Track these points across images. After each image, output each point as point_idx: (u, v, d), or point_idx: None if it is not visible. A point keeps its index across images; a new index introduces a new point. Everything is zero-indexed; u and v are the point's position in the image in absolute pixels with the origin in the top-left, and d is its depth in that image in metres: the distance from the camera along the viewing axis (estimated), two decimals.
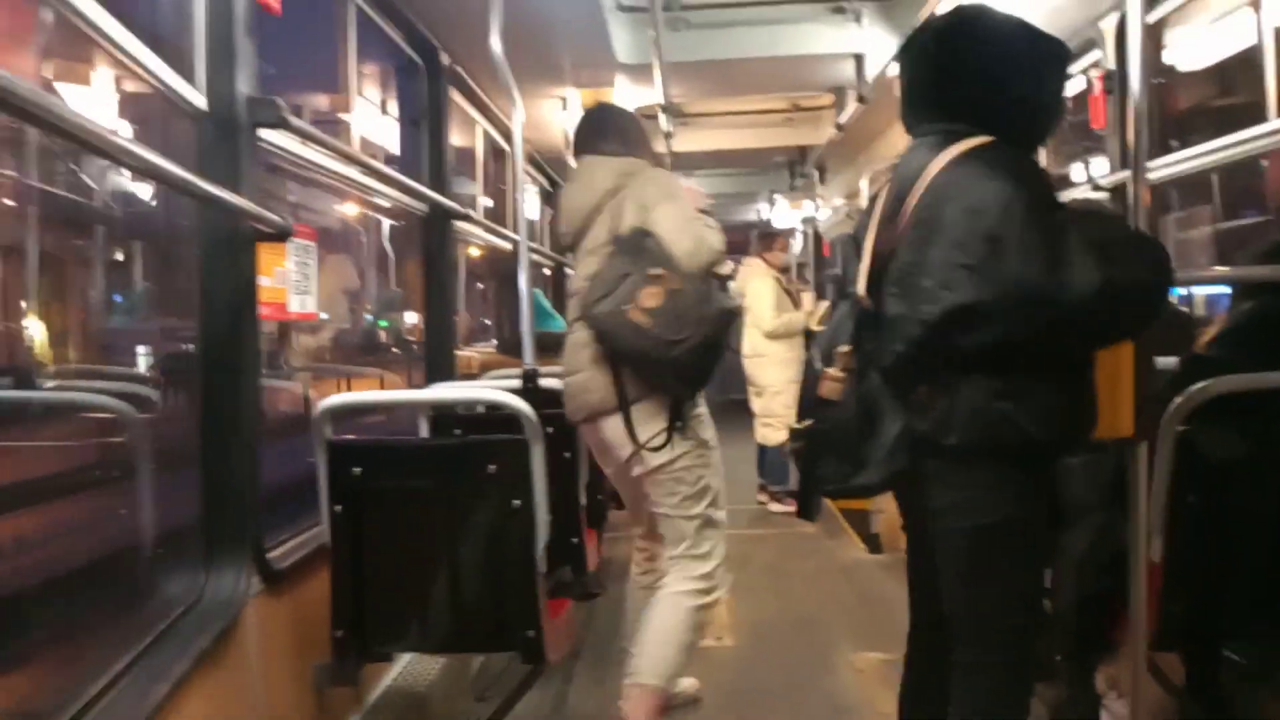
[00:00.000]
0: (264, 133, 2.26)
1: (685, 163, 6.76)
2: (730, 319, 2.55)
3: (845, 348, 1.76)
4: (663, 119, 4.81)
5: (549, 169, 7.17)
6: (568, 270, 7.69)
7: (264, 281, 2.26)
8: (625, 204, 2.58)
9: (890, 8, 4.24)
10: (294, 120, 2.28)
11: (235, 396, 2.13)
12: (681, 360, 2.38)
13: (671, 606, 2.53)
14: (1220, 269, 3.00)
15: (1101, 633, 2.39)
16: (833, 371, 1.76)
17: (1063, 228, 1.58)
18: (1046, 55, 1.78)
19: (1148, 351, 1.93)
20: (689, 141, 6.12)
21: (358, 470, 2.26)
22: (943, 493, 1.72)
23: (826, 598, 3.98)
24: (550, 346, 4.08)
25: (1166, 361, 2.29)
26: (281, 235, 2.25)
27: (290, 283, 2.48)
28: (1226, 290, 2.88)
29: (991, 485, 1.68)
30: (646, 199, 2.56)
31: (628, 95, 4.81)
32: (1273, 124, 2.48)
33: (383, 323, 11.63)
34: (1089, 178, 4.53)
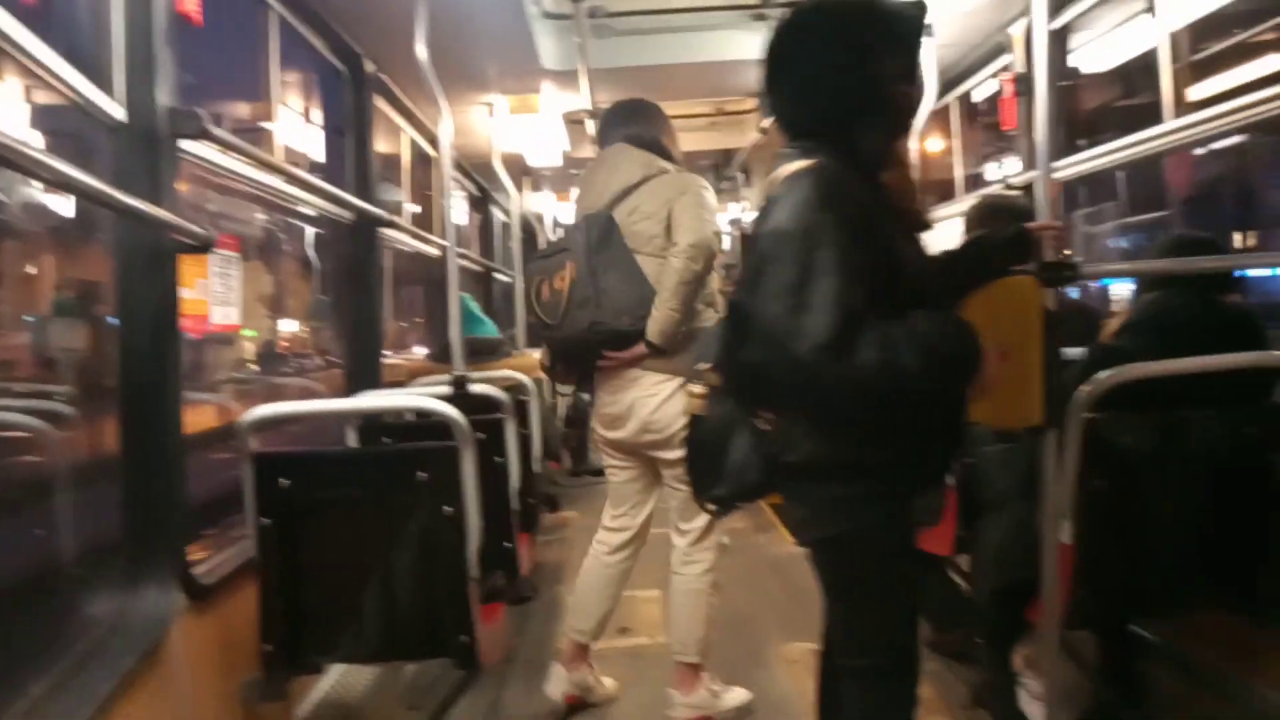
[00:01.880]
0: (185, 144, 2.23)
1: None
2: (600, 337, 2.64)
3: (706, 365, 1.74)
4: (589, 124, 4.83)
5: (477, 176, 7.14)
6: (498, 276, 7.71)
7: (185, 294, 2.23)
8: (646, 198, 2.66)
9: None
10: (215, 131, 2.26)
11: (157, 411, 2.09)
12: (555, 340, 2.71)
13: (693, 585, 2.76)
14: (1125, 263, 3.13)
15: (1019, 615, 2.48)
16: (694, 389, 1.75)
17: (833, 270, 1.47)
18: (883, 34, 1.65)
19: (1055, 343, 2.02)
20: None
21: (285, 482, 2.24)
22: (794, 507, 1.74)
23: (757, 592, 4.04)
24: (482, 352, 4.08)
25: (1074, 352, 2.40)
26: (204, 246, 2.22)
27: (212, 294, 2.45)
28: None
29: (834, 500, 1.67)
30: (669, 194, 2.65)
31: (554, 101, 4.83)
32: (1168, 124, 2.60)
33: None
34: (1003, 177, 4.70)
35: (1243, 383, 2.28)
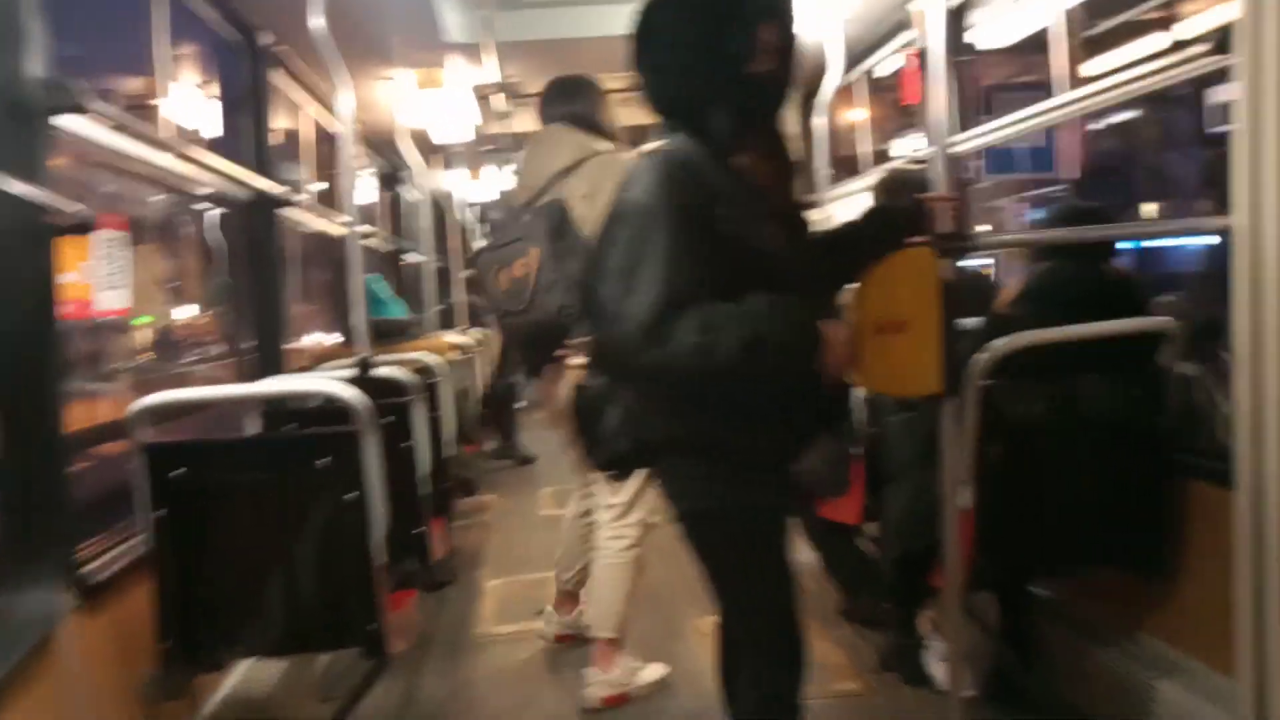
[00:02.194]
0: (62, 119, 2.11)
1: (526, 143, 6.71)
2: (571, 319, 2.59)
3: (586, 338, 1.81)
4: (499, 99, 4.75)
5: (388, 153, 6.97)
6: (410, 256, 7.56)
7: (69, 277, 2.11)
8: (580, 181, 2.65)
9: None
10: (95, 105, 2.14)
11: (37, 401, 1.99)
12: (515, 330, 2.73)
13: (615, 560, 2.81)
14: (1018, 234, 3.22)
15: (923, 581, 2.55)
16: (574, 360, 1.81)
17: (662, 254, 1.48)
18: (737, 13, 1.61)
19: (952, 313, 2.06)
20: (530, 122, 6.06)
21: (180, 471, 2.16)
22: (661, 480, 1.77)
23: (670, 569, 4.07)
24: (390, 334, 4.00)
25: (972, 322, 2.45)
26: (83, 227, 2.10)
27: (97, 278, 2.33)
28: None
29: (692, 475, 1.69)
30: (601, 176, 2.61)
31: (461, 75, 4.73)
32: (1057, 99, 2.66)
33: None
34: (910, 151, 4.78)
35: (1127, 348, 2.37)
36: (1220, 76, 1.96)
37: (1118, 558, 2.35)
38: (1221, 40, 1.96)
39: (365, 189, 6.68)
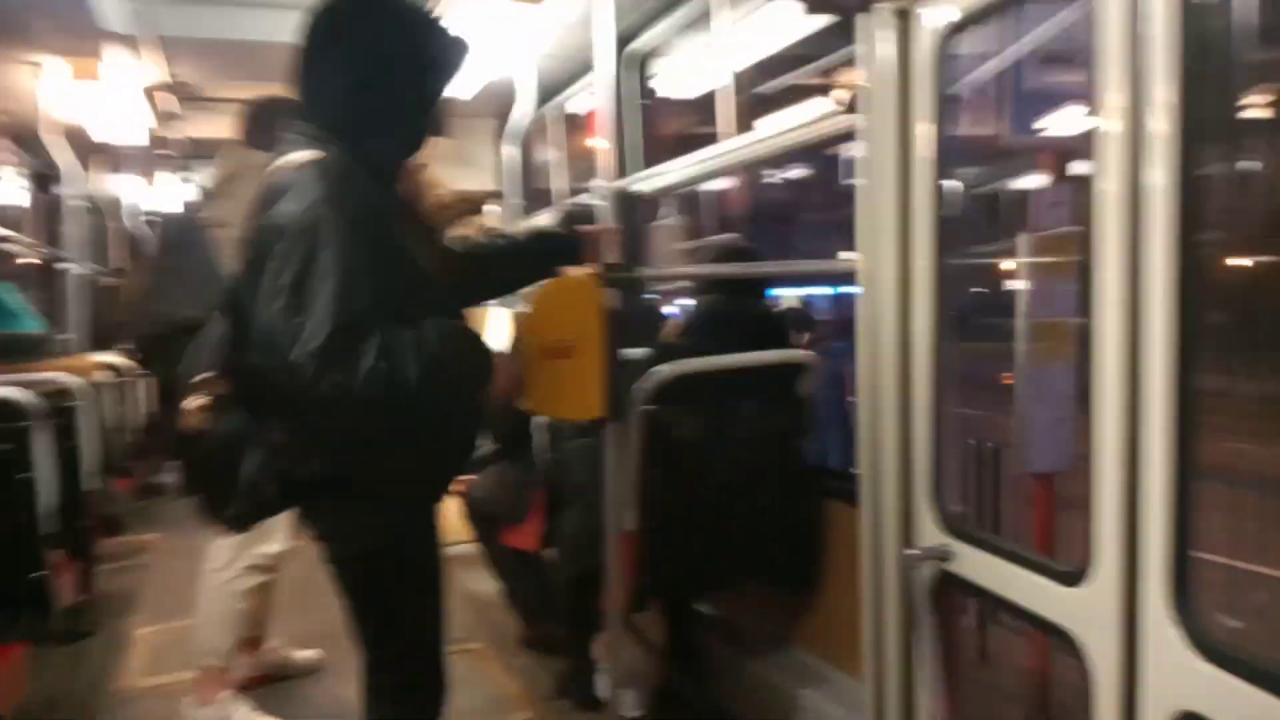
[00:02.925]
0: None
1: (206, 149, 6.21)
2: None
3: (209, 374, 1.56)
4: (164, 98, 4.36)
5: (38, 150, 6.16)
6: (62, 265, 6.70)
7: None
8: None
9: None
10: None
11: None
12: None
13: (227, 589, 2.70)
14: (679, 268, 3.42)
15: (594, 603, 2.59)
16: (193, 402, 1.55)
17: (335, 271, 1.39)
18: (436, 53, 1.62)
19: (617, 339, 2.13)
20: (208, 127, 5.62)
21: None
22: (315, 523, 1.65)
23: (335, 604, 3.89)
24: (13, 350, 3.50)
25: (641, 351, 2.55)
26: None
27: None
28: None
29: (352, 517, 1.60)
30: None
31: (125, 70, 4.27)
32: (716, 148, 2.86)
33: None
34: (594, 187, 4.94)
35: (775, 377, 2.57)
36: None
37: (768, 573, 2.53)
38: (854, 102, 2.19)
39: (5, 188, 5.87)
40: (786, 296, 6.50)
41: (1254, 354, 4.96)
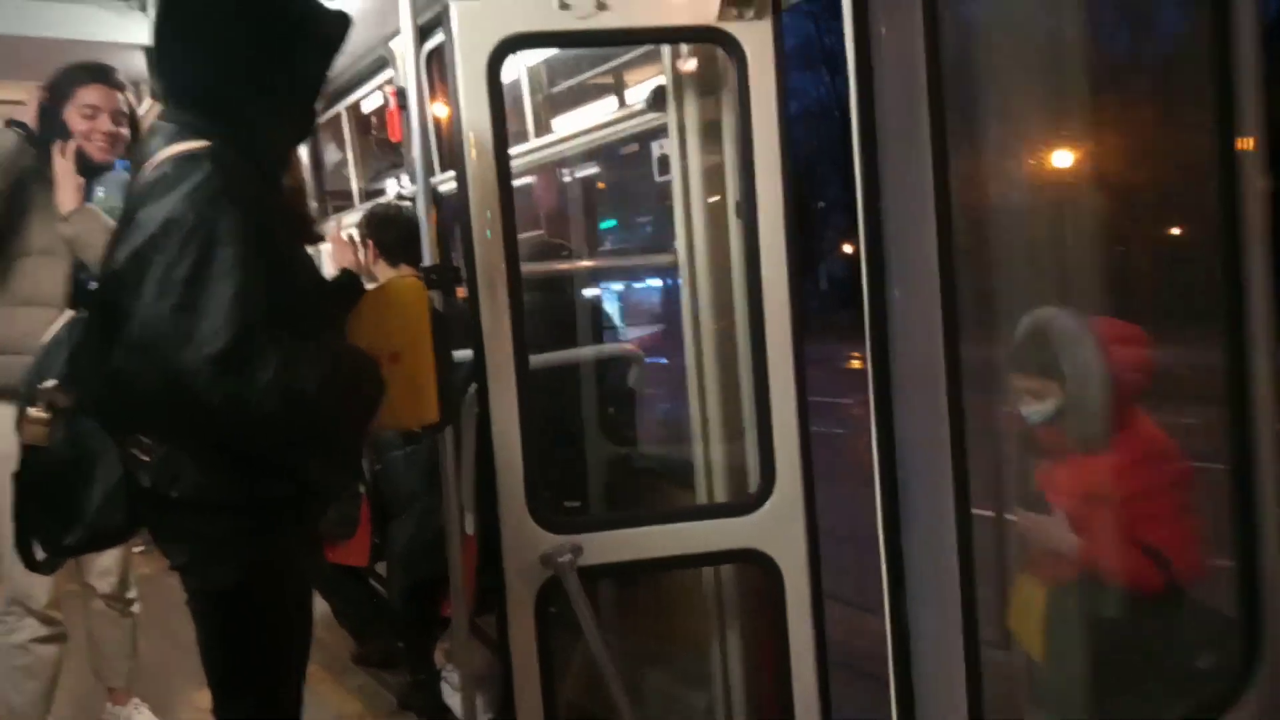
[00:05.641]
0: None
1: None
2: None
3: (52, 382, 1.40)
4: None
5: None
6: None
7: None
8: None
9: None
10: None
11: None
12: None
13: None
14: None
15: (433, 611, 2.56)
16: (34, 412, 1.39)
17: (233, 271, 1.30)
18: (309, 35, 1.51)
19: (445, 342, 2.10)
20: None
21: None
22: (177, 549, 1.52)
23: (170, 640, 3.62)
24: None
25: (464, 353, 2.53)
26: None
27: None
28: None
29: (223, 539, 1.48)
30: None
31: None
32: (522, 145, 2.88)
33: None
34: (399, 188, 4.82)
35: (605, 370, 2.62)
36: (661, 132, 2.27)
37: None
38: (654, 100, 2.25)
39: None
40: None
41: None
